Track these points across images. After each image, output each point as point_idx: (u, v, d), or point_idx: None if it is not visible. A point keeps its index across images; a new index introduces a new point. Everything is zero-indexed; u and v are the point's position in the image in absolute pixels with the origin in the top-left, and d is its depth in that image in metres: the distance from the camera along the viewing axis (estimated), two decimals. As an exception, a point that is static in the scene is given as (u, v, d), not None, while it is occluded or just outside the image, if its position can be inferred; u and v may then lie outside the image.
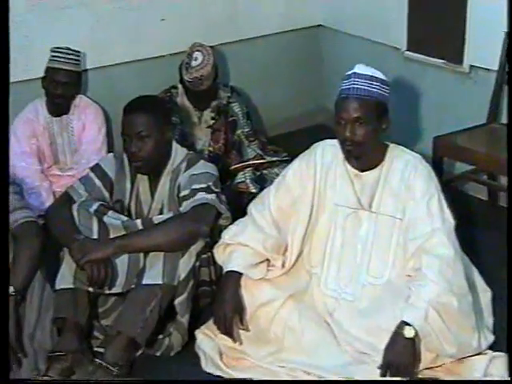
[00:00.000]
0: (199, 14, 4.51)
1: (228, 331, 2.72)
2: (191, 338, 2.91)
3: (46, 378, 2.69)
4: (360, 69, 2.69)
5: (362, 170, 2.77)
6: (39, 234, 2.82)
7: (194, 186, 2.93)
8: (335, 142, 2.78)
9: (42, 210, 3.49)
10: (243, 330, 2.75)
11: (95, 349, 2.91)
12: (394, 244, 2.72)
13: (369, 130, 2.64)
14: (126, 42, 4.35)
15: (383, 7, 4.40)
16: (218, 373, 2.76)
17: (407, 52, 4.27)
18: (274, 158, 4.08)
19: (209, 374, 2.78)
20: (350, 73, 2.70)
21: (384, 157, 2.77)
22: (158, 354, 2.92)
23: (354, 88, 2.63)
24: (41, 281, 2.80)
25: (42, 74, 3.92)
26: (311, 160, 2.86)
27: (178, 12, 4.45)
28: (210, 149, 4.04)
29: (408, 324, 2.48)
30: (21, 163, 3.85)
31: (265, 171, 4.00)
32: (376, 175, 2.76)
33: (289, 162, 3.79)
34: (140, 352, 2.87)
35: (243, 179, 3.92)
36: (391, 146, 2.80)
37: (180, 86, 4.04)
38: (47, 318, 2.82)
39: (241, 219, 2.91)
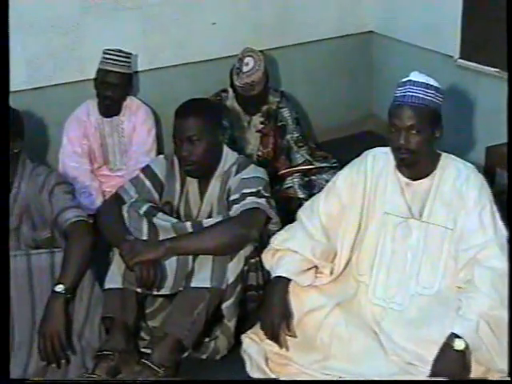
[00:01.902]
0: (250, 18, 4.54)
1: (275, 337, 2.72)
2: (237, 342, 2.92)
3: (94, 375, 2.74)
4: (415, 76, 2.68)
5: (414, 179, 2.75)
6: (90, 234, 2.87)
7: (244, 190, 2.95)
8: (387, 149, 2.77)
9: (91, 209, 3.55)
10: (290, 336, 2.75)
11: (142, 349, 2.94)
12: (445, 254, 2.70)
13: (422, 138, 2.62)
14: (177, 45, 4.39)
15: (436, 14, 4.37)
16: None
17: (460, 60, 4.23)
18: (323, 164, 4.08)
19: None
20: (404, 80, 2.69)
21: (436, 166, 2.75)
22: (203, 357, 2.94)
23: (408, 96, 2.62)
24: (90, 280, 2.84)
25: (94, 76, 3.98)
26: (362, 167, 2.85)
27: (229, 16, 4.48)
28: (259, 153, 4.06)
29: (458, 336, 2.46)
30: (72, 163, 3.92)
31: (313, 177, 4.01)
32: (427, 184, 2.74)
33: (338, 168, 3.84)
34: (186, 354, 2.88)
35: (291, 184, 3.93)
36: (444, 154, 2.78)
37: (230, 89, 4.06)
38: (96, 317, 2.86)
39: (290, 225, 2.92)
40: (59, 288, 2.72)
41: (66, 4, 4.06)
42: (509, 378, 2.45)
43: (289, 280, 2.76)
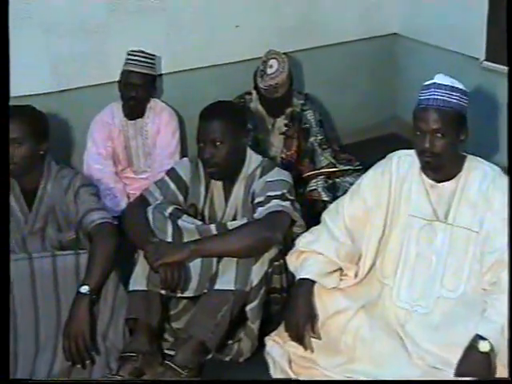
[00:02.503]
0: (274, 20, 4.55)
1: (299, 338, 2.72)
2: (261, 345, 2.93)
3: (118, 376, 2.76)
4: (440, 79, 2.67)
5: (439, 181, 2.74)
6: (114, 235, 2.90)
7: (268, 193, 2.95)
8: (411, 152, 2.77)
9: (116, 211, 3.58)
10: (315, 338, 2.75)
11: (165, 351, 2.95)
12: (470, 257, 2.69)
13: (447, 141, 2.62)
14: (201, 47, 4.40)
15: (461, 16, 4.35)
16: (286, 380, 2.77)
17: (485, 62, 4.21)
18: (347, 167, 4.09)
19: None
20: (429, 83, 2.68)
21: (461, 168, 2.74)
22: (227, 359, 2.96)
23: (433, 99, 2.61)
24: (115, 281, 2.87)
25: (118, 78, 4.02)
26: (387, 170, 2.85)
27: (252, 18, 4.49)
28: (283, 156, 4.07)
29: (483, 338, 2.45)
30: (96, 165, 3.95)
31: (337, 180, 4.01)
32: (453, 186, 2.74)
33: (362, 171, 3.84)
34: (209, 356, 2.89)
35: (315, 187, 3.94)
36: (469, 157, 2.77)
37: (254, 92, 4.08)
38: (120, 319, 2.89)
39: (315, 227, 2.92)
40: (84, 289, 2.75)
41: (92, 6, 4.09)
42: (509, 378, 2.44)
43: (313, 282, 2.76)
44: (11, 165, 2.90)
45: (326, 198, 3.88)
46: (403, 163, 2.82)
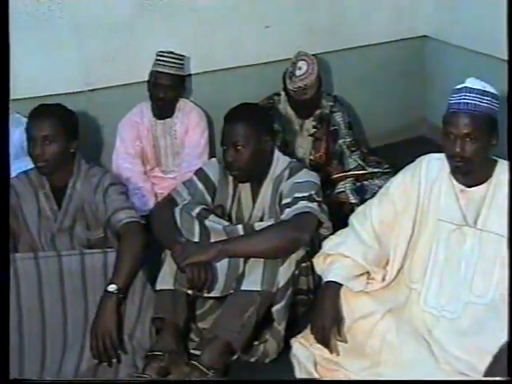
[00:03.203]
0: (304, 22, 4.54)
1: (325, 342, 2.71)
2: (287, 346, 2.92)
3: (144, 375, 2.77)
4: (471, 83, 2.65)
5: (469, 186, 2.72)
6: (142, 235, 2.90)
7: (296, 195, 2.95)
8: (441, 155, 2.75)
9: (143, 210, 3.59)
10: (341, 341, 2.75)
11: (191, 351, 2.97)
12: (499, 262, 2.66)
13: (478, 146, 2.59)
14: (230, 47, 4.42)
15: (491, 18, 4.30)
16: (311, 382, 2.77)
17: (517, 65, 4.17)
18: (376, 170, 4.07)
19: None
20: (460, 87, 2.66)
21: (492, 173, 2.71)
22: (252, 359, 2.96)
23: (464, 103, 2.59)
24: (142, 280, 2.88)
25: (147, 78, 4.04)
26: (416, 173, 2.83)
27: (282, 20, 4.49)
28: (311, 157, 4.07)
29: (512, 345, 2.43)
30: (125, 164, 3.98)
31: (365, 182, 3.99)
32: (483, 191, 2.71)
33: (390, 173, 3.83)
34: (235, 357, 2.90)
35: (343, 189, 3.94)
36: (500, 161, 2.74)
37: (283, 93, 4.08)
38: (147, 318, 2.89)
39: (342, 230, 2.92)
40: (112, 288, 2.76)
41: (122, 6, 4.12)
42: (509, 378, 2.42)
43: (340, 285, 2.75)
44: (42, 162, 2.94)
45: (353, 201, 3.87)
46: (433, 167, 2.80)
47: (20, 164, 3.53)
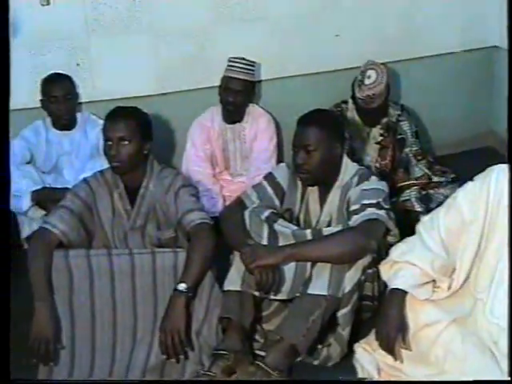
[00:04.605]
0: (374, 30, 4.51)
1: (390, 348, 2.69)
2: (350, 351, 2.91)
3: (210, 373, 2.80)
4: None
5: (538, 197, 2.68)
6: (212, 236, 2.92)
7: (364, 201, 2.94)
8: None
9: (212, 212, 3.60)
10: (405, 349, 2.72)
11: (256, 351, 2.97)
12: None
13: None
14: (300, 55, 4.42)
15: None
16: (374, 388, 2.76)
17: None
18: (441, 179, 4.02)
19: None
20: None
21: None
22: (315, 362, 2.95)
23: None
24: (211, 280, 2.90)
25: (219, 83, 4.07)
26: (485, 184, 2.78)
27: (352, 28, 4.47)
28: (377, 165, 4.04)
29: None
30: (195, 167, 4.02)
31: (431, 191, 3.95)
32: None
33: (456, 183, 3.78)
34: (299, 359, 2.90)
35: (409, 197, 3.90)
36: None
37: (351, 101, 4.06)
38: (214, 317, 2.91)
39: (409, 238, 2.88)
40: (182, 287, 2.79)
41: (196, 13, 4.17)
42: (509, 378, 2.35)
43: (406, 292, 2.73)
44: (116, 162, 2.98)
45: (419, 209, 3.83)
46: (503, 177, 2.75)
47: (95, 164, 3.61)
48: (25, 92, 3.90)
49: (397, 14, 4.55)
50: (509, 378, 2.40)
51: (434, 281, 2.78)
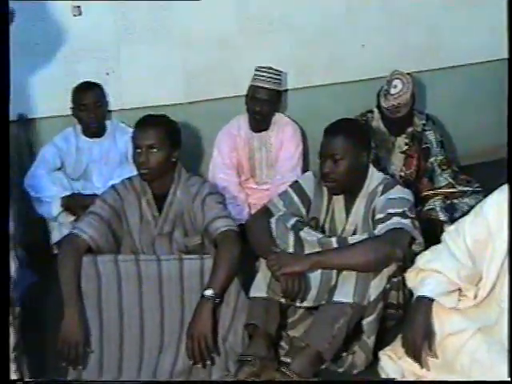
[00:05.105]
0: (399, 40, 4.52)
1: (416, 356, 2.67)
2: (374, 358, 2.89)
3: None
4: None
5: None
6: (239, 243, 2.92)
7: (389, 210, 2.93)
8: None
9: (238, 219, 3.60)
10: (431, 356, 2.70)
11: (281, 358, 2.96)
12: None
13: None
14: (326, 64, 4.43)
15: None
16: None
17: None
18: (466, 188, 3.99)
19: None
20: None
21: None
22: (340, 370, 2.94)
23: None
24: (237, 287, 2.90)
25: (245, 92, 4.08)
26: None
27: (378, 38, 4.48)
28: (402, 174, 4.02)
29: None
30: (221, 174, 4.03)
31: (455, 200, 3.92)
32: None
33: (480, 193, 3.76)
34: (324, 366, 2.89)
35: (433, 206, 3.87)
36: None
37: (376, 110, 4.05)
38: (240, 323, 2.91)
39: (435, 246, 2.86)
40: (208, 293, 2.79)
41: (223, 24, 4.20)
42: (509, 379, 2.32)
43: (432, 300, 2.71)
44: (145, 169, 3.00)
45: (443, 218, 3.81)
46: (529, 188, 2.74)
47: (123, 171, 3.63)
48: (57, 100, 3.95)
49: (421, 25, 4.55)
50: (509, 379, 2.37)
51: (460, 289, 2.77)
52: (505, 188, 2.80)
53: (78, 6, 3.95)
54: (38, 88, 3.91)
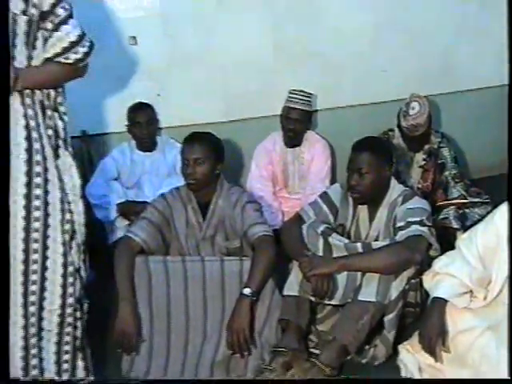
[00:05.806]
0: (418, 65, 4.51)
1: (431, 350, 2.65)
2: (394, 352, 2.88)
3: (270, 367, 2.79)
4: None
5: None
6: (274, 246, 2.93)
7: (409, 219, 2.92)
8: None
9: (272, 225, 3.60)
10: (445, 351, 2.68)
11: (311, 349, 2.96)
12: None
13: None
14: (351, 88, 4.44)
15: None
16: (416, 386, 2.72)
17: None
18: (476, 199, 3.97)
19: None
20: None
21: None
22: (363, 361, 2.93)
23: None
24: (272, 286, 2.90)
25: (280, 112, 4.10)
26: (519, 205, 2.74)
27: (398, 64, 4.48)
28: (419, 186, 4.00)
29: None
30: (258, 185, 4.05)
31: (467, 210, 3.90)
32: None
33: (489, 203, 3.73)
34: (349, 358, 2.88)
35: (447, 216, 3.85)
36: None
37: (397, 129, 4.04)
38: (274, 318, 2.91)
39: (449, 252, 2.84)
40: (247, 291, 2.80)
41: (261, 50, 4.23)
42: (509, 378, 2.28)
43: (446, 301, 2.69)
44: (192, 180, 3.02)
45: (456, 226, 3.78)
46: (536, 199, 2.71)
47: (171, 181, 3.67)
48: (115, 118, 4.00)
49: (438, 51, 4.53)
50: (509, 378, 2.34)
51: (471, 291, 2.75)
52: (513, 200, 2.78)
53: (134, 37, 4.01)
54: (98, 107, 3.97)
